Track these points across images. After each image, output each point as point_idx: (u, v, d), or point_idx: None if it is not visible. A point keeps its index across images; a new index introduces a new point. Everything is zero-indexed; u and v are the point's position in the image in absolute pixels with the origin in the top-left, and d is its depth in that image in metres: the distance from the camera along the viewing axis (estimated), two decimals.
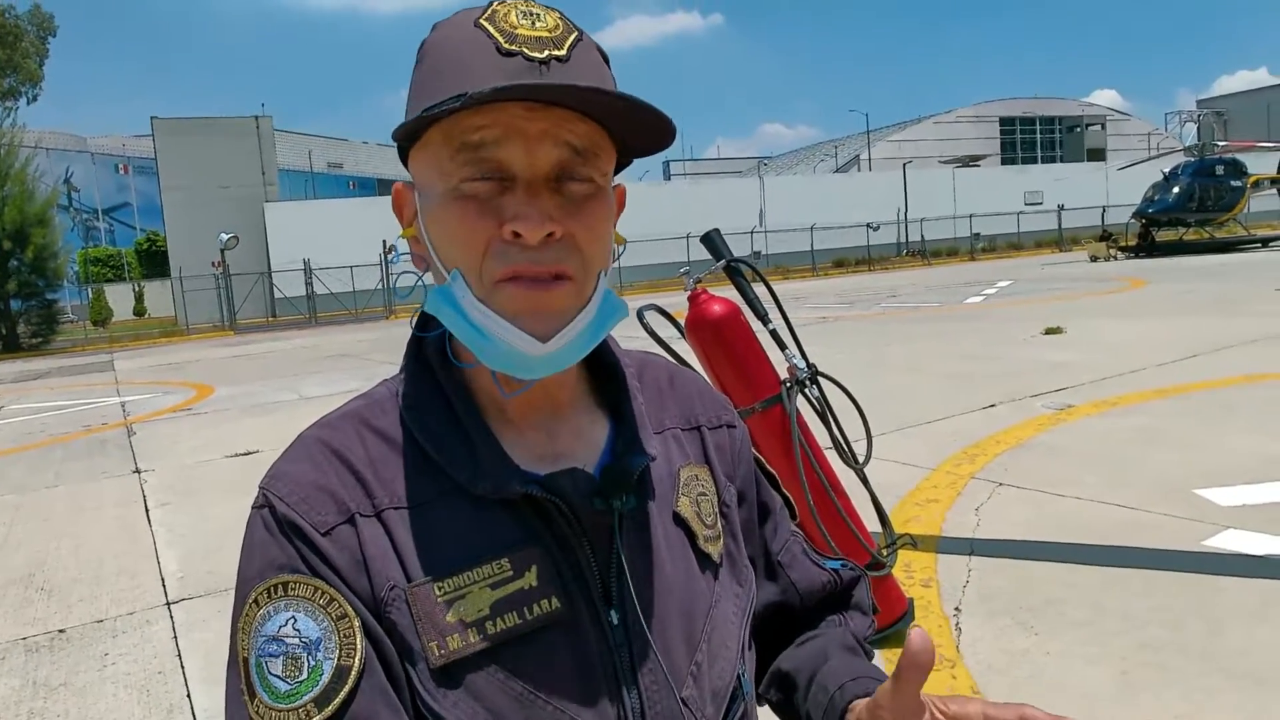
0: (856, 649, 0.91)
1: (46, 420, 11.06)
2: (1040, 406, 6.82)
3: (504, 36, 0.67)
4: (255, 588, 0.69)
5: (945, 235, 42.78)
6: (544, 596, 0.71)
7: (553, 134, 0.67)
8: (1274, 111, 62.93)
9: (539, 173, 0.68)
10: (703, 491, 0.85)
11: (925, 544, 4.05)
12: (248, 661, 0.67)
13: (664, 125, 0.70)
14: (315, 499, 0.72)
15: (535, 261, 0.68)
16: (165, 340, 27.90)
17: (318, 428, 0.78)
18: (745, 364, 3.00)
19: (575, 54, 0.69)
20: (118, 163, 66.26)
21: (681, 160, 72.04)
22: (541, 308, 0.69)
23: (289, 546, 0.70)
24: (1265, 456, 4.96)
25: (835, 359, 9.57)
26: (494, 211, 0.68)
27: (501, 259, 0.68)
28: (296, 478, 0.73)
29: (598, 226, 0.71)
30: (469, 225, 0.69)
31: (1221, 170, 28.88)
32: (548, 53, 0.68)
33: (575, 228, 0.69)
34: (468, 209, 0.68)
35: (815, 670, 0.86)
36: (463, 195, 0.69)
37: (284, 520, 0.71)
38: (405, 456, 0.75)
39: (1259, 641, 2.93)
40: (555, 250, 0.68)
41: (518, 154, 0.67)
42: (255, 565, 0.71)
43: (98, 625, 4.03)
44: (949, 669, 2.94)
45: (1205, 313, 11.83)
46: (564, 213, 0.69)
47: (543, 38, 0.68)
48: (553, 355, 0.70)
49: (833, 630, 0.94)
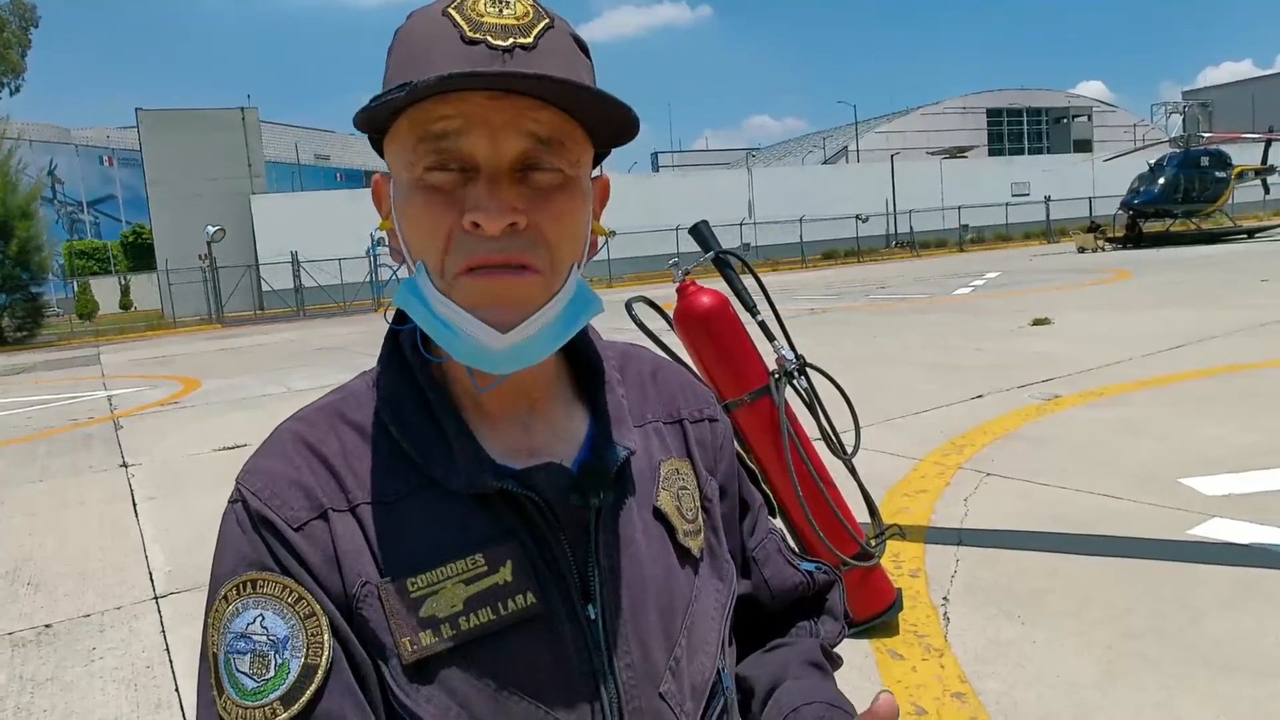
0: (821, 664, 0.91)
1: (32, 414, 10.99)
2: (1027, 397, 6.86)
3: (469, 25, 0.66)
4: (225, 584, 0.69)
5: (933, 227, 42.92)
6: (519, 592, 0.71)
7: (516, 123, 0.66)
8: (1259, 103, 63.28)
9: (502, 163, 0.67)
10: (684, 485, 0.84)
11: (913, 534, 4.07)
12: (216, 657, 0.68)
13: (625, 116, 0.68)
14: (288, 494, 0.71)
15: (496, 252, 0.67)
16: (152, 334, 27.72)
17: (293, 421, 0.78)
18: (734, 356, 3.01)
19: (543, 42, 0.68)
20: (102, 155, 65.73)
21: (669, 152, 72.04)
22: (502, 298, 0.68)
23: (260, 543, 0.70)
24: (1249, 446, 5.00)
25: (824, 351, 9.59)
26: (456, 202, 0.67)
27: (463, 250, 0.67)
28: (270, 472, 0.73)
29: (565, 217, 0.70)
30: (431, 216, 0.68)
31: (1206, 162, 29.05)
32: (512, 40, 0.66)
33: (540, 218, 0.68)
34: (431, 200, 0.68)
35: (774, 684, 0.87)
36: (426, 186, 0.68)
37: (256, 515, 0.71)
38: (380, 450, 0.74)
39: (1237, 630, 2.96)
40: (518, 241, 0.67)
41: (480, 144, 0.66)
42: (227, 561, 0.71)
43: (85, 620, 4.01)
44: (937, 658, 2.96)
45: (1191, 304, 11.91)
46: (529, 203, 0.67)
47: (509, 25, 0.67)
48: (516, 349, 0.69)
49: (801, 641, 0.94)
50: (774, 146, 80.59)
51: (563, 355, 0.84)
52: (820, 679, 0.88)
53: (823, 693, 0.84)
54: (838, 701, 0.83)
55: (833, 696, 0.84)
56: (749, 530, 0.94)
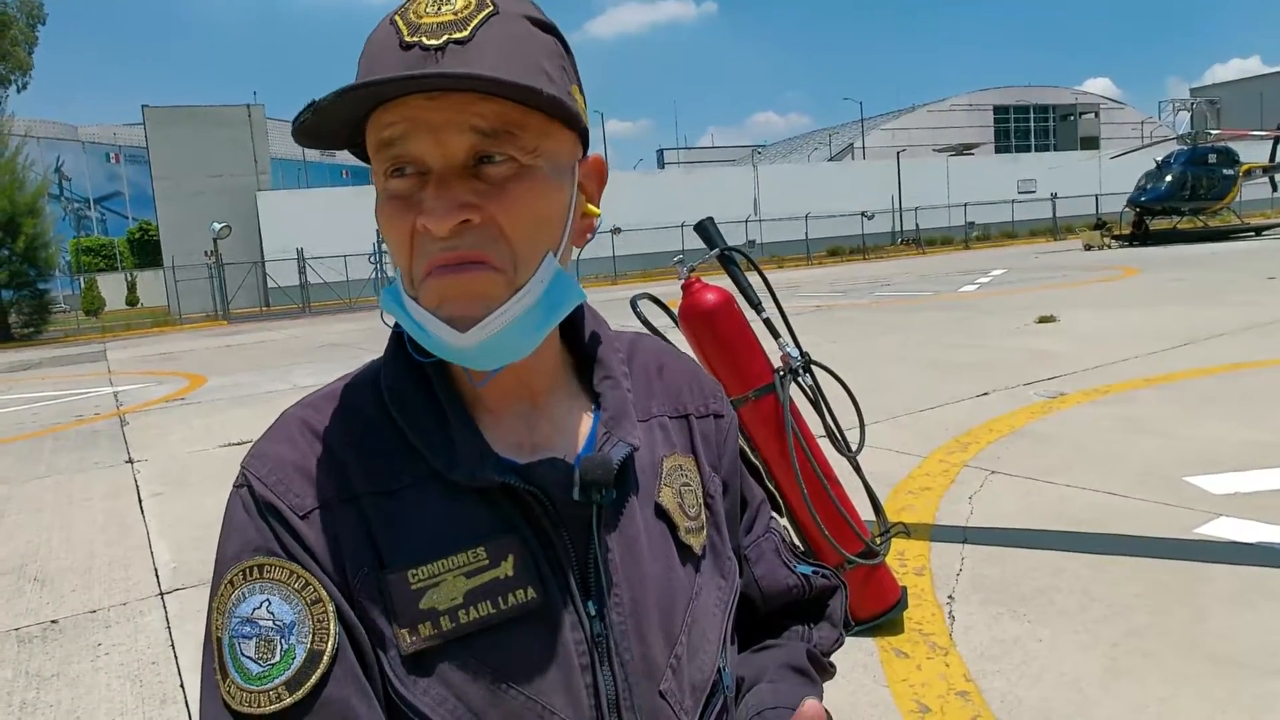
0: (803, 668, 0.90)
1: (38, 410, 11.03)
2: (1033, 395, 6.84)
3: (408, 29, 0.66)
4: (231, 568, 0.70)
5: (939, 224, 42.83)
6: (520, 586, 0.71)
7: (457, 121, 0.65)
8: (1267, 100, 63.01)
9: (452, 162, 0.66)
10: (686, 482, 0.84)
11: (918, 532, 4.06)
12: (221, 641, 0.68)
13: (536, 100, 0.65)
14: (294, 481, 0.72)
15: (448, 250, 0.66)
16: (158, 330, 27.79)
17: (300, 407, 0.78)
18: (739, 353, 3.00)
19: (480, 33, 0.66)
20: (109, 152, 65.90)
21: (675, 149, 72.04)
22: (456, 295, 0.67)
23: (266, 528, 0.70)
24: (1255, 444, 4.99)
25: (829, 348, 9.58)
26: (413, 206, 0.67)
27: (423, 254, 0.67)
28: (276, 458, 0.73)
29: (522, 207, 0.68)
30: (393, 224, 0.68)
31: (1214, 159, 28.91)
32: (446, 37, 0.65)
33: (496, 211, 0.67)
34: (393, 207, 0.68)
35: (751, 684, 0.87)
36: (389, 194, 0.68)
37: (262, 501, 0.71)
38: (385, 440, 0.74)
39: (1242, 627, 2.96)
40: (471, 237, 0.66)
41: (427, 146, 0.65)
42: (233, 546, 0.71)
43: (90, 616, 4.02)
44: (941, 656, 2.96)
45: (1198, 301, 11.87)
46: (483, 198, 0.66)
47: (445, 22, 0.66)
48: (486, 345, 0.68)
49: (790, 644, 0.93)
50: (779, 143, 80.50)
51: (567, 348, 0.83)
52: (797, 683, 0.88)
53: (790, 698, 0.84)
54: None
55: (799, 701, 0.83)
56: (745, 528, 0.94)
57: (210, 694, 0.68)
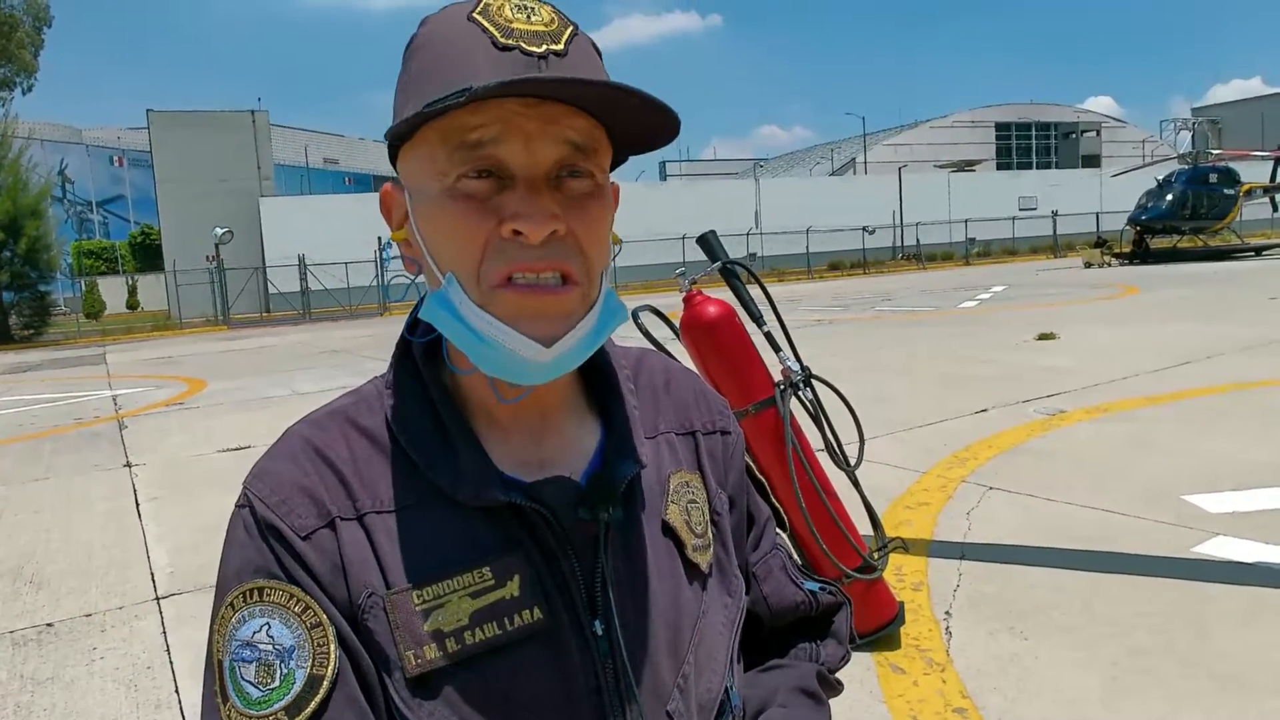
0: (813, 691, 0.89)
1: (37, 413, 11.01)
2: (1032, 411, 6.84)
3: (500, 31, 0.65)
4: (232, 590, 0.69)
5: (940, 239, 42.88)
6: (526, 607, 0.70)
7: (552, 131, 0.65)
8: (1268, 120, 63.20)
9: (539, 170, 0.66)
10: (693, 499, 0.83)
11: (916, 548, 4.05)
12: (222, 664, 0.67)
13: (669, 122, 0.67)
14: (296, 501, 0.70)
15: (539, 259, 0.65)
16: (158, 334, 27.79)
17: (304, 425, 0.77)
18: (739, 366, 3.01)
19: (572, 48, 0.67)
20: (113, 155, 65.99)
21: (678, 161, 72.13)
22: (546, 311, 0.66)
23: (267, 550, 0.69)
24: (1254, 463, 4.98)
25: (829, 362, 9.58)
26: (493, 210, 0.66)
27: (501, 258, 0.66)
28: (279, 477, 0.72)
29: (598, 225, 0.69)
30: (468, 224, 0.66)
31: (1215, 178, 29.00)
32: (545, 47, 0.65)
33: (577, 225, 0.67)
34: (467, 208, 0.66)
35: (761, 708, 0.86)
36: (460, 194, 0.66)
37: (264, 522, 0.70)
38: (389, 458, 0.73)
39: (1244, 646, 2.95)
40: (557, 249, 0.66)
41: (517, 151, 0.65)
42: (233, 567, 0.70)
43: (86, 619, 4.01)
44: (939, 673, 2.95)
45: (1198, 320, 11.88)
46: (565, 210, 0.66)
47: (539, 31, 0.66)
48: (557, 362, 0.68)
49: (799, 665, 0.92)
50: (782, 157, 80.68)
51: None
52: (808, 709, 0.87)
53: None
54: None
55: None
56: (753, 545, 0.93)
57: (210, 717, 0.67)
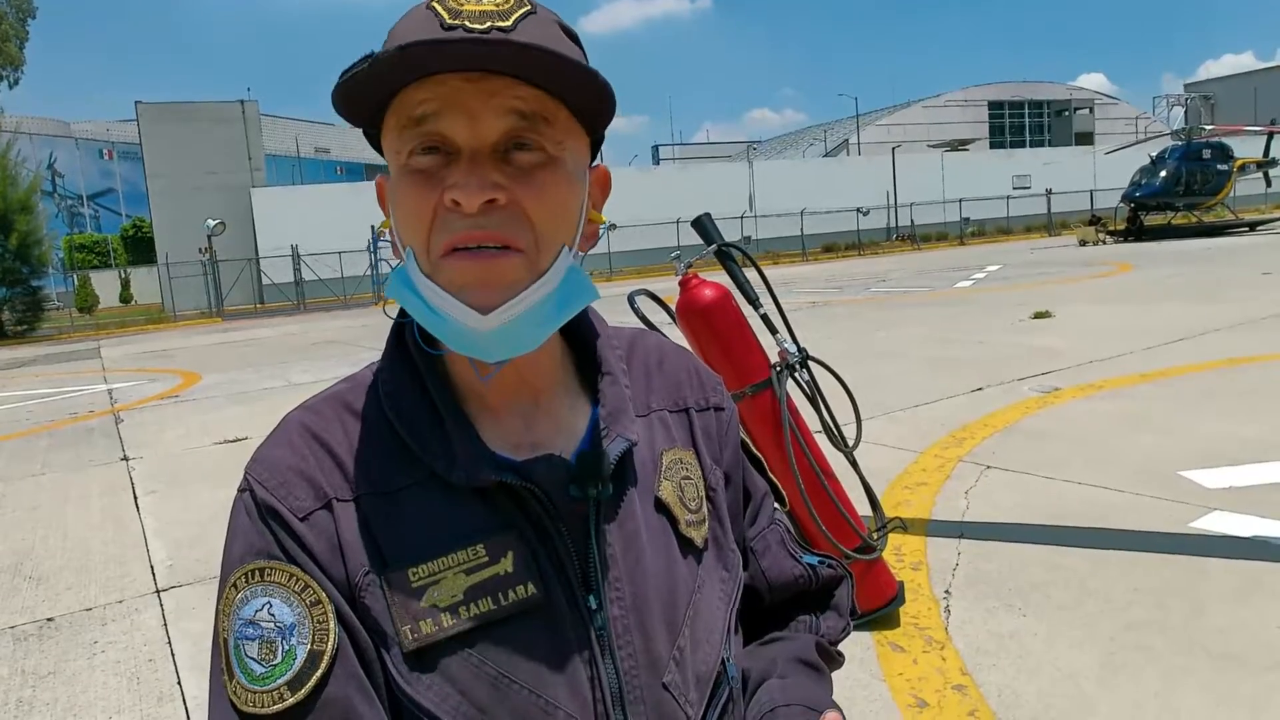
0: (813, 662, 0.90)
1: (32, 408, 10.99)
2: (1027, 390, 6.86)
3: (449, 14, 0.67)
4: (235, 571, 0.71)
5: (934, 220, 42.84)
6: (520, 582, 0.72)
7: (495, 103, 0.67)
8: (1261, 95, 63.15)
9: (483, 143, 0.67)
10: (686, 475, 0.84)
11: (915, 527, 4.07)
12: (227, 643, 0.69)
13: (592, 81, 0.68)
14: (294, 484, 0.73)
15: (477, 228, 0.67)
16: (152, 327, 27.71)
17: (301, 411, 0.79)
18: (736, 348, 3.00)
19: (521, 26, 0.67)
20: (102, 148, 65.66)
21: (670, 145, 71.96)
22: (485, 279, 0.68)
23: (267, 532, 0.71)
24: (1249, 439, 5.00)
25: (825, 344, 9.59)
26: (439, 183, 0.68)
27: (445, 230, 0.68)
28: (277, 462, 0.74)
29: (548, 196, 0.69)
30: (416, 198, 0.69)
31: (1208, 154, 28.96)
32: (489, 24, 0.66)
33: (522, 196, 0.68)
34: (415, 182, 0.69)
35: (761, 679, 0.87)
36: (411, 170, 0.69)
37: (263, 505, 0.72)
38: (384, 442, 0.76)
39: (1239, 621, 2.97)
40: (499, 218, 0.67)
41: (460, 125, 0.67)
42: (236, 549, 0.73)
43: (86, 613, 4.01)
44: (938, 651, 2.97)
45: (1192, 297, 11.90)
46: (511, 181, 0.68)
47: (487, 10, 0.67)
48: (502, 332, 0.69)
49: (798, 637, 0.93)
50: (774, 139, 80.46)
51: (567, 346, 0.84)
52: (808, 678, 0.88)
53: (802, 694, 0.84)
54: (816, 704, 0.83)
55: (813, 698, 0.84)
56: (750, 519, 0.94)
57: (218, 694, 0.70)
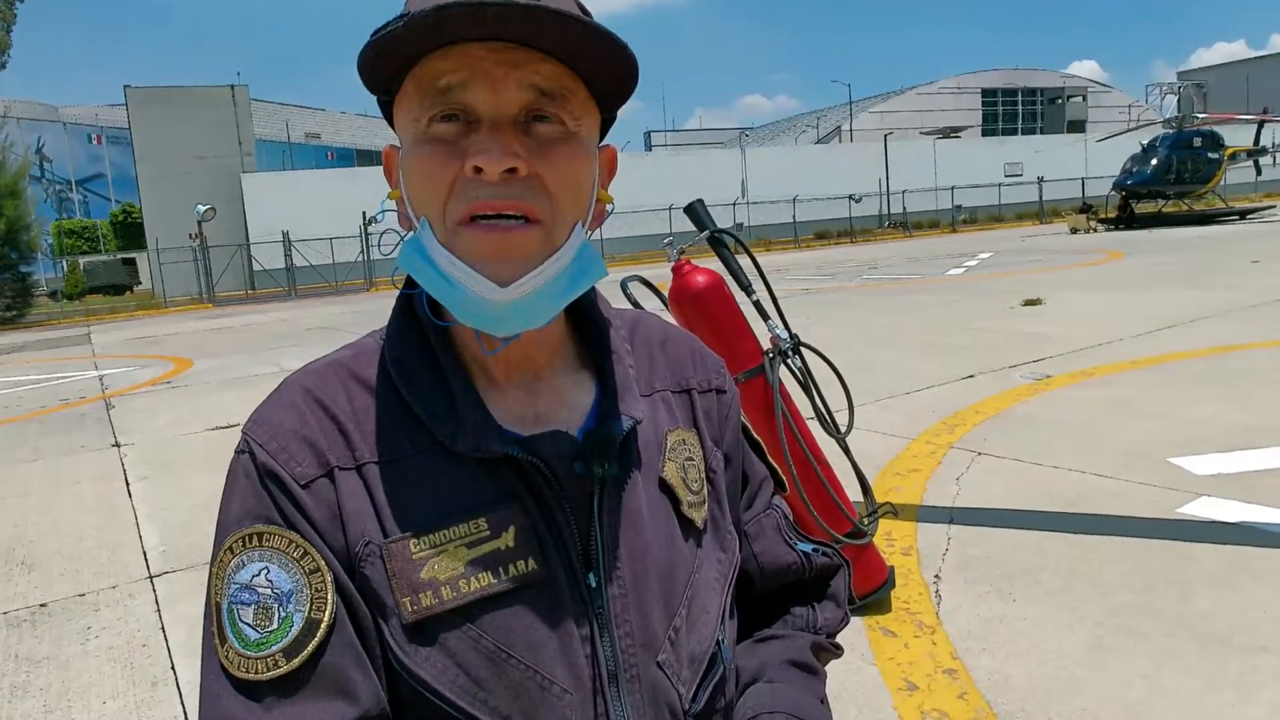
0: (807, 663, 0.90)
1: (23, 394, 10.94)
2: (1019, 377, 6.88)
3: None
4: (231, 535, 0.70)
5: (927, 207, 42.89)
6: (521, 558, 0.71)
7: (517, 75, 0.67)
8: (1253, 84, 63.26)
9: (505, 113, 0.67)
10: (689, 456, 0.84)
11: (906, 513, 4.09)
12: (220, 607, 0.68)
13: (622, 54, 0.68)
14: (296, 449, 0.72)
15: (497, 197, 0.67)
16: (142, 313, 27.57)
17: (303, 374, 0.78)
18: (728, 335, 3.01)
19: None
20: (91, 133, 65.12)
21: (663, 131, 71.77)
22: (504, 251, 0.68)
23: (266, 496, 0.70)
24: (1238, 425, 5.04)
25: (817, 331, 9.60)
26: (459, 151, 0.68)
27: (464, 197, 0.68)
28: (279, 425, 0.73)
29: (566, 169, 0.70)
30: (435, 165, 0.68)
31: (1199, 143, 29.01)
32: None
33: (542, 168, 0.68)
34: (435, 150, 0.68)
35: (750, 681, 0.87)
36: (430, 138, 0.69)
37: (264, 468, 0.71)
38: (388, 410, 0.75)
39: (1226, 605, 3.00)
40: (519, 188, 0.67)
41: (483, 95, 0.67)
42: (233, 512, 0.71)
43: (79, 599, 4.01)
44: (929, 635, 2.99)
45: (1182, 284, 11.94)
46: (530, 152, 0.68)
47: None
48: (516, 305, 0.69)
49: (795, 637, 0.92)
50: (767, 126, 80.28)
51: (571, 323, 0.84)
52: (799, 681, 0.87)
53: (788, 700, 0.84)
54: (800, 711, 0.83)
55: (799, 704, 0.83)
56: (746, 503, 0.94)
57: (209, 659, 0.69)
